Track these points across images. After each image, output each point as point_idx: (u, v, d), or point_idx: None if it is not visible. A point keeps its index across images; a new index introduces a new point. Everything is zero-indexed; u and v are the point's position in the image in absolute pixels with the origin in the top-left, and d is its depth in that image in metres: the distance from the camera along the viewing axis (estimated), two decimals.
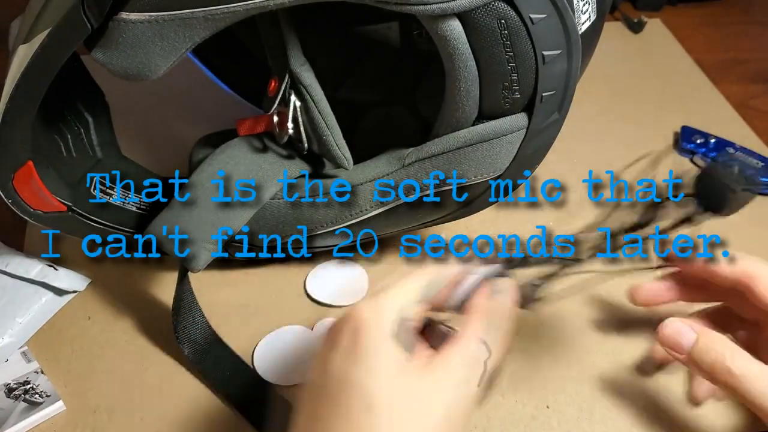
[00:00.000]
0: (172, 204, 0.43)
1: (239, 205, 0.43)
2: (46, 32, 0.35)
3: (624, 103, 0.68)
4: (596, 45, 0.46)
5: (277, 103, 0.43)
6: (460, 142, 0.42)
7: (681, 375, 0.45)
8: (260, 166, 0.44)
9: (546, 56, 0.38)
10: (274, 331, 0.48)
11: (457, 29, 0.37)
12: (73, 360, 0.46)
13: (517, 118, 0.41)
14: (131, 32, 0.35)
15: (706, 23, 0.81)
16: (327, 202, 0.45)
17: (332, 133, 0.42)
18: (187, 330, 0.45)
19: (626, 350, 0.47)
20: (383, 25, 0.52)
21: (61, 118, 0.47)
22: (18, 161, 0.41)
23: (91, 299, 0.50)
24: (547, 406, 0.44)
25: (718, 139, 0.61)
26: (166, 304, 0.49)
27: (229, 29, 0.37)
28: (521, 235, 0.53)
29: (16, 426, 0.42)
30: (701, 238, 0.51)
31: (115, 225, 0.48)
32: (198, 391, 0.45)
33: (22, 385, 0.44)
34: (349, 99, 0.52)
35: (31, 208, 0.43)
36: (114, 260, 0.52)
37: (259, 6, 0.35)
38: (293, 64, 0.42)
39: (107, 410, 0.44)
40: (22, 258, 0.50)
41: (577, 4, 0.39)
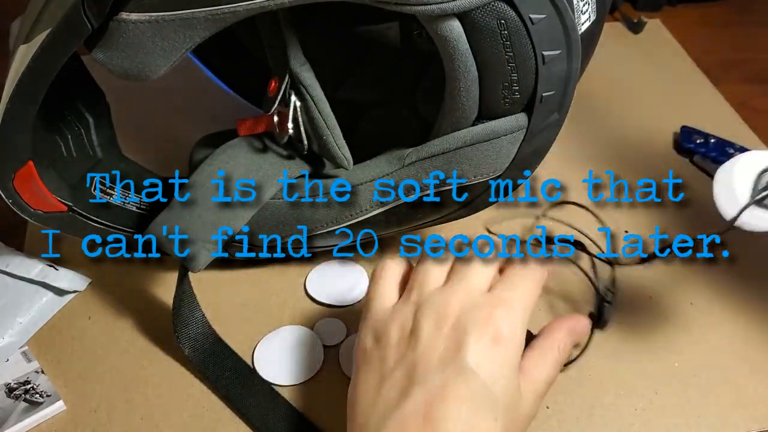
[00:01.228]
0: (172, 204, 0.44)
1: (239, 205, 0.43)
2: (46, 32, 0.35)
3: (624, 103, 0.68)
4: (596, 45, 0.46)
5: (277, 103, 0.43)
6: (460, 142, 0.42)
7: (681, 375, 0.46)
8: (260, 166, 0.44)
9: (546, 56, 0.38)
10: (274, 331, 0.48)
11: (457, 29, 0.37)
12: (73, 360, 0.46)
13: (517, 118, 0.41)
14: (131, 32, 0.35)
15: (706, 23, 0.81)
16: (327, 202, 0.45)
17: (332, 133, 0.42)
18: (187, 330, 0.45)
19: (626, 350, 0.47)
20: (383, 25, 0.52)
21: (62, 118, 0.47)
22: (18, 161, 0.41)
23: (91, 299, 0.50)
24: (547, 407, 0.44)
25: (718, 139, 0.61)
26: (166, 304, 0.49)
27: (229, 29, 0.37)
28: (521, 235, 0.53)
29: (16, 426, 0.42)
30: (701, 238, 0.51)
31: (115, 225, 0.48)
32: (198, 391, 0.45)
33: (22, 384, 0.44)
34: (349, 99, 0.52)
35: (31, 208, 0.43)
36: (114, 260, 0.52)
37: (259, 6, 0.35)
38: (293, 64, 0.42)
39: (107, 410, 0.44)
40: (22, 258, 0.50)
41: (577, 4, 0.39)
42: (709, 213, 0.57)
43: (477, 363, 0.34)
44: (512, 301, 0.37)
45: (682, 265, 0.52)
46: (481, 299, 0.37)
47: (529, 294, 0.38)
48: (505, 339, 0.35)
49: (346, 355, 0.46)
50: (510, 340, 0.35)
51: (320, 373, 0.46)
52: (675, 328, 0.48)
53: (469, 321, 0.35)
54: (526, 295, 0.37)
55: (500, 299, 0.37)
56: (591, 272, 0.46)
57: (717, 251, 0.53)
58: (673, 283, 0.51)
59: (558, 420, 0.43)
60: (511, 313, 0.36)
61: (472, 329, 0.35)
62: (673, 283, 0.51)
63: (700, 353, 0.47)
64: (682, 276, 0.51)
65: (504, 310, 0.36)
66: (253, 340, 0.47)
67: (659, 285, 0.51)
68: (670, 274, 0.51)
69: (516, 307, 0.37)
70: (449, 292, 0.37)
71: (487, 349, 0.35)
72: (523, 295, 0.37)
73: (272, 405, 0.44)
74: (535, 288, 0.38)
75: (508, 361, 0.35)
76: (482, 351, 0.35)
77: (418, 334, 0.36)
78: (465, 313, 0.36)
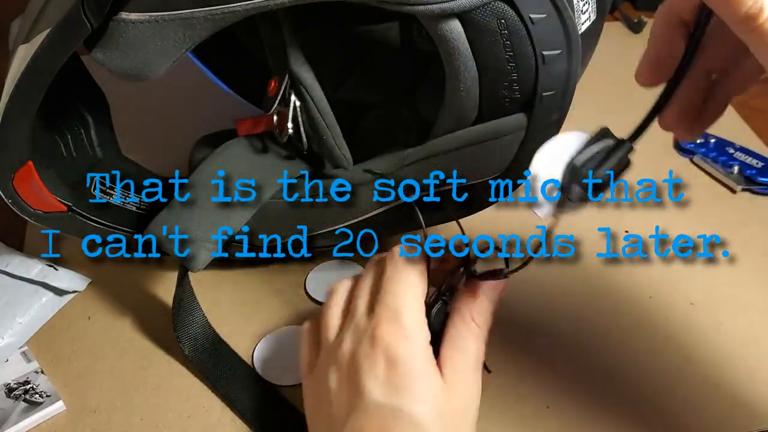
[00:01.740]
0: (172, 204, 0.44)
1: (239, 205, 0.43)
2: (46, 32, 0.35)
3: (624, 103, 0.68)
4: (596, 45, 0.46)
5: (277, 103, 0.43)
6: (460, 142, 0.42)
7: (682, 376, 0.45)
8: (260, 166, 0.44)
9: (546, 56, 0.38)
10: (274, 331, 0.48)
11: (457, 29, 0.37)
12: (73, 360, 0.46)
13: (517, 118, 0.41)
14: (131, 32, 0.35)
15: None
16: (327, 202, 0.45)
17: (332, 133, 0.42)
18: (187, 330, 0.45)
19: (626, 350, 0.47)
20: (383, 25, 0.52)
21: (62, 118, 0.47)
22: (18, 161, 0.41)
23: (91, 299, 0.50)
24: (547, 407, 0.44)
25: (718, 139, 0.61)
26: (166, 304, 0.49)
27: (229, 29, 0.37)
28: (521, 235, 0.53)
29: (16, 426, 0.42)
30: (701, 238, 0.51)
31: (115, 225, 0.48)
32: (198, 391, 0.45)
33: (22, 385, 0.44)
34: (349, 99, 0.52)
35: (31, 208, 0.43)
36: (114, 260, 0.52)
37: (259, 6, 0.35)
38: (293, 64, 0.42)
39: (107, 410, 0.44)
40: (22, 258, 0.50)
41: (577, 4, 0.39)
42: (709, 213, 0.57)
43: (381, 394, 0.33)
44: (391, 305, 0.35)
45: (682, 265, 0.52)
46: (365, 325, 0.35)
47: (404, 282, 0.36)
48: (397, 354, 0.33)
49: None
50: (403, 351, 0.33)
51: None
52: (675, 328, 0.48)
53: (360, 358, 0.34)
54: (402, 287, 0.36)
55: (379, 314, 0.35)
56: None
57: (717, 251, 0.53)
58: (673, 283, 0.51)
59: (558, 420, 0.43)
60: (393, 321, 0.34)
61: (364, 364, 0.34)
62: (673, 283, 0.51)
63: (699, 353, 0.47)
64: (682, 276, 0.51)
65: (385, 323, 0.34)
66: (253, 340, 0.47)
67: (659, 285, 0.51)
68: (670, 274, 0.51)
69: (398, 308, 0.35)
70: (341, 336, 0.36)
71: (384, 375, 0.33)
72: (399, 288, 0.36)
73: (271, 405, 0.44)
74: (407, 271, 0.36)
75: (411, 373, 0.33)
76: (381, 381, 0.33)
77: (329, 397, 0.35)
78: (355, 351, 0.35)
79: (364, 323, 0.36)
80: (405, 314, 0.35)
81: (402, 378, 0.33)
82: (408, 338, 0.34)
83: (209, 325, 0.46)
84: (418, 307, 0.36)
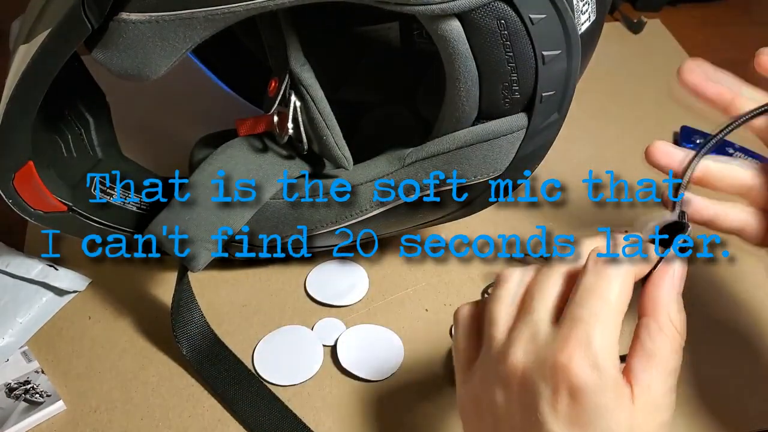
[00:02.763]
0: (172, 204, 0.44)
1: (239, 205, 0.43)
2: (46, 32, 0.35)
3: (624, 103, 0.68)
4: (596, 45, 0.46)
5: (277, 103, 0.43)
6: (460, 142, 0.42)
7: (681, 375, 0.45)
8: (260, 166, 0.44)
9: (546, 56, 0.38)
10: (274, 331, 0.48)
11: (457, 29, 0.37)
12: (73, 360, 0.46)
13: (517, 118, 0.41)
14: (131, 32, 0.35)
15: (706, 23, 0.81)
16: (327, 202, 0.45)
17: (332, 133, 0.42)
18: (185, 330, 0.45)
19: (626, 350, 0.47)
20: (383, 25, 0.52)
21: (62, 118, 0.47)
22: (19, 161, 0.41)
23: (91, 299, 0.50)
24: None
25: None
26: (166, 304, 0.49)
27: (229, 29, 0.37)
28: (521, 235, 0.53)
29: (16, 426, 0.42)
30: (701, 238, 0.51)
31: (115, 225, 0.48)
32: (198, 391, 0.45)
33: (22, 384, 0.44)
34: (349, 99, 0.52)
35: (31, 208, 0.43)
36: (114, 260, 0.52)
37: (259, 6, 0.35)
38: (293, 64, 0.42)
39: (107, 410, 0.44)
40: (22, 258, 0.50)
41: (577, 4, 0.39)
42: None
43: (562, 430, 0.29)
44: (584, 326, 0.29)
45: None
46: (546, 339, 0.30)
47: (605, 299, 0.30)
48: (583, 386, 0.28)
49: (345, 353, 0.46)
50: (590, 382, 0.29)
51: (320, 373, 0.46)
52: None
53: (536, 380, 0.29)
54: (602, 305, 0.30)
55: (567, 335, 0.29)
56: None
57: (717, 251, 0.53)
58: None
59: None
60: (583, 347, 0.29)
61: (543, 392, 0.29)
62: None
63: (700, 353, 0.47)
64: None
65: (574, 348, 0.29)
66: (253, 340, 0.47)
67: None
68: None
69: (592, 331, 0.29)
70: (511, 341, 0.31)
71: (567, 410, 0.29)
72: (598, 306, 0.30)
73: (267, 407, 0.43)
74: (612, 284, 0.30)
75: (597, 409, 0.29)
76: (563, 416, 0.29)
77: (494, 411, 0.31)
78: (530, 370, 0.30)
79: (544, 337, 0.30)
80: (598, 338, 0.29)
81: (588, 415, 0.29)
82: (597, 367, 0.29)
83: (208, 326, 0.46)
84: (614, 326, 0.30)
